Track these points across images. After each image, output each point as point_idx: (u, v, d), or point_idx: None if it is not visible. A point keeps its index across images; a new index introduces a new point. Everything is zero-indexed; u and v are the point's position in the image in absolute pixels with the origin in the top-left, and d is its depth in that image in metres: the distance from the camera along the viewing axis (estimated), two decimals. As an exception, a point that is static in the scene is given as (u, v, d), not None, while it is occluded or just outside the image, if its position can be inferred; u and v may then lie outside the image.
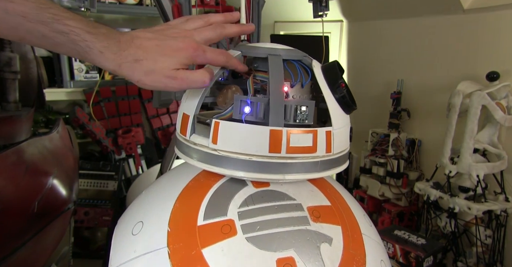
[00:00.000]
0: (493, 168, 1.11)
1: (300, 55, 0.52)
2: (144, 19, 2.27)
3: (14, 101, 0.88)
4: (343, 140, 0.51)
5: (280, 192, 0.48)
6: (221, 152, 0.46)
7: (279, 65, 0.48)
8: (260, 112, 0.46)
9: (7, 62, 0.86)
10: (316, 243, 0.44)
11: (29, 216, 0.78)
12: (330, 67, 0.50)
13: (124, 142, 2.01)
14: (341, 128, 0.50)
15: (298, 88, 0.51)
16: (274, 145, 0.45)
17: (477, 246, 1.13)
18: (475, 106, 1.08)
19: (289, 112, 0.46)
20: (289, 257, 0.42)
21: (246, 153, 0.46)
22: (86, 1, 0.98)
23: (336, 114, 0.49)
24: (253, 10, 0.91)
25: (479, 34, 1.20)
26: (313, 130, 0.47)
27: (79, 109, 1.85)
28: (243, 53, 0.51)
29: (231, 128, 0.46)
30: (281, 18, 2.04)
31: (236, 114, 0.47)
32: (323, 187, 0.52)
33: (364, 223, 0.51)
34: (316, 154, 0.47)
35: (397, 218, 1.39)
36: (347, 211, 0.50)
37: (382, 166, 1.42)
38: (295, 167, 0.46)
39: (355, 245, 0.46)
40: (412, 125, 1.44)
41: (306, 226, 0.45)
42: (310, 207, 0.47)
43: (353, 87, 0.53)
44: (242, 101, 0.46)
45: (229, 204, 0.46)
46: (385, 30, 1.54)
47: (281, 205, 0.46)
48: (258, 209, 0.45)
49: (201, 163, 0.49)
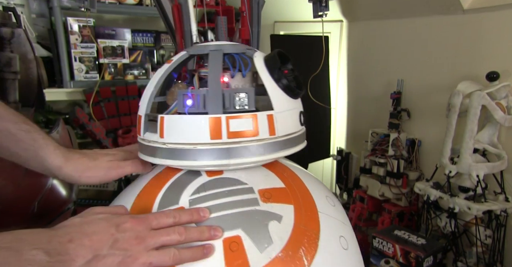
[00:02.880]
0: (493, 168, 1.11)
1: (242, 48, 0.55)
2: (144, 19, 2.27)
3: (14, 101, 0.88)
4: (290, 123, 0.53)
5: (233, 179, 0.50)
6: (168, 144, 0.49)
7: (217, 58, 0.51)
8: (201, 103, 0.49)
9: (7, 62, 0.86)
10: (264, 221, 0.46)
11: (29, 216, 0.78)
12: (270, 56, 0.53)
13: (124, 142, 2.01)
14: (285, 111, 0.51)
15: (240, 78, 0.54)
16: (215, 131, 0.47)
17: (477, 246, 1.13)
18: (475, 106, 1.08)
19: (228, 100, 0.49)
20: (236, 236, 0.44)
21: (190, 142, 0.48)
22: (86, 1, 0.98)
23: (278, 98, 0.51)
24: (253, 10, 0.91)
25: (479, 34, 1.20)
26: (252, 114, 0.49)
27: (79, 109, 1.85)
28: (189, 52, 0.55)
29: (174, 120, 0.49)
30: (281, 18, 2.04)
31: (180, 107, 0.50)
32: (279, 171, 0.54)
33: (324, 203, 0.53)
34: (259, 137, 0.49)
35: (397, 218, 1.39)
36: (304, 192, 0.52)
37: (382, 166, 1.42)
38: (239, 151, 0.48)
39: (307, 222, 0.48)
40: (412, 125, 1.44)
41: (255, 207, 0.47)
42: (262, 189, 0.49)
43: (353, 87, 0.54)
44: (184, 94, 0.49)
45: (182, 193, 0.49)
46: (385, 30, 1.54)
47: (232, 190, 0.48)
48: (208, 195, 0.48)
49: (152, 158, 0.52)
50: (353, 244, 0.53)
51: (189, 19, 0.79)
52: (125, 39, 2.05)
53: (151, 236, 0.43)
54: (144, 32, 2.12)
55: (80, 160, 0.53)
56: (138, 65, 2.12)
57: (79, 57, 1.93)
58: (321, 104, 1.57)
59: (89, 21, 1.95)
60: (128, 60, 2.07)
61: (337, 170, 1.70)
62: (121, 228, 0.42)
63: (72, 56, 1.91)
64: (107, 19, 2.19)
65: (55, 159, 0.52)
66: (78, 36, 1.92)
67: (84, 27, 1.91)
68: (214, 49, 0.52)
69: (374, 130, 1.50)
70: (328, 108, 1.67)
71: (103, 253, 0.40)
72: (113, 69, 2.04)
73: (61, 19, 1.85)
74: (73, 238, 0.40)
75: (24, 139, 0.51)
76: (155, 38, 2.14)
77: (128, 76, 2.10)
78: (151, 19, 2.26)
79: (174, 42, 1.08)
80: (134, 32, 2.08)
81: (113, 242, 0.41)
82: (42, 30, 1.96)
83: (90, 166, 0.53)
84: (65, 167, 0.52)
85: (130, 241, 0.42)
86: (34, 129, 0.53)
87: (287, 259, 0.43)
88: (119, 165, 0.55)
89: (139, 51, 2.10)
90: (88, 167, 0.53)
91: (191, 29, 0.69)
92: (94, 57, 1.97)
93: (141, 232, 0.43)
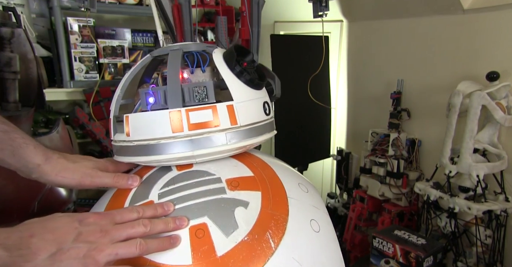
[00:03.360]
0: (493, 168, 1.11)
1: (202, 46, 0.56)
2: (144, 19, 2.27)
3: (14, 101, 0.88)
4: (252, 113, 0.53)
5: (201, 171, 0.51)
6: (135, 142, 0.51)
7: (176, 57, 0.52)
8: (162, 99, 0.50)
9: (7, 62, 0.86)
10: (230, 208, 0.46)
11: (29, 216, 0.78)
12: (228, 50, 0.55)
13: (124, 142, 2.01)
14: (246, 101, 0.52)
15: (200, 73, 0.56)
16: (176, 124, 0.49)
17: (477, 246, 1.13)
18: (475, 106, 1.08)
19: (188, 94, 0.50)
20: (202, 223, 0.45)
21: (154, 137, 0.50)
22: (86, 1, 0.98)
23: (237, 89, 0.52)
24: (253, 10, 0.91)
25: (479, 34, 1.20)
26: (212, 106, 0.50)
27: (79, 109, 1.85)
28: (152, 54, 0.57)
29: (137, 118, 0.51)
30: (281, 18, 2.04)
31: (144, 105, 0.51)
32: (249, 161, 0.55)
33: (295, 189, 0.53)
34: (221, 127, 0.50)
35: (397, 218, 1.39)
36: (273, 180, 0.53)
37: (382, 166, 1.42)
38: (202, 142, 0.49)
39: (275, 206, 0.49)
40: (412, 125, 1.44)
41: (222, 195, 0.48)
42: (229, 179, 0.50)
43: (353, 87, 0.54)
44: (146, 93, 0.51)
45: (152, 188, 0.50)
46: (385, 30, 1.54)
47: (199, 181, 0.50)
48: (177, 187, 0.49)
49: (123, 157, 0.54)
50: (326, 227, 0.53)
51: (189, 19, 0.80)
52: (125, 39, 2.05)
53: (116, 228, 0.43)
54: (144, 32, 2.12)
55: (59, 160, 0.52)
56: (138, 65, 2.12)
57: (79, 57, 1.93)
58: (321, 104, 1.57)
59: (89, 21, 1.95)
60: (128, 60, 2.07)
61: (337, 170, 1.70)
62: (85, 222, 0.43)
63: (72, 56, 1.91)
64: (107, 19, 2.20)
65: (34, 157, 0.51)
66: (78, 36, 1.92)
67: (84, 27, 1.91)
68: (174, 49, 0.54)
69: (374, 130, 1.50)
70: (328, 108, 1.67)
71: (67, 246, 0.40)
72: (113, 69, 2.04)
73: (61, 19, 1.85)
74: (34, 233, 0.40)
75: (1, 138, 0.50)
76: (155, 38, 2.14)
77: (128, 76, 2.10)
78: (151, 19, 2.25)
79: (174, 42, 1.08)
80: (134, 32, 2.08)
81: (77, 235, 0.41)
82: (42, 30, 1.96)
83: (68, 167, 0.52)
84: (43, 165, 0.51)
85: (94, 234, 0.41)
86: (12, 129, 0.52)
87: (253, 242, 0.44)
88: (97, 174, 0.53)
89: (139, 51, 2.11)
90: (65, 167, 0.52)
91: (157, 32, 0.70)
92: (94, 57, 1.97)
93: (105, 226, 0.43)
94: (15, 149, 0.50)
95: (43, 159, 0.51)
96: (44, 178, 0.52)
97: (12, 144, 0.50)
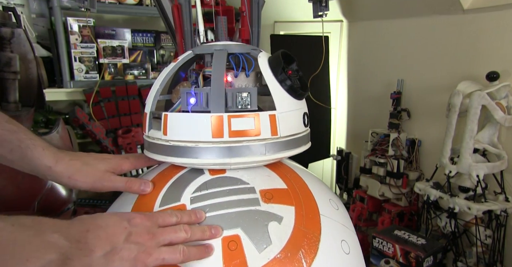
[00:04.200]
0: (493, 168, 1.11)
1: (247, 48, 0.55)
2: (144, 19, 2.27)
3: (14, 101, 0.88)
4: (293, 124, 0.52)
5: (235, 178, 0.50)
6: (171, 142, 0.50)
7: (221, 58, 0.51)
8: (204, 102, 0.49)
9: (7, 62, 0.86)
10: (264, 222, 0.45)
11: (29, 216, 0.78)
12: (274, 56, 0.53)
13: (124, 142, 2.01)
14: (288, 112, 0.51)
15: (243, 77, 0.54)
16: (217, 130, 0.48)
17: (477, 246, 1.13)
18: (475, 106, 1.08)
19: (230, 99, 0.49)
20: (235, 235, 0.44)
21: (192, 140, 0.48)
22: (86, 1, 0.98)
23: (281, 98, 0.51)
24: (253, 10, 0.91)
25: (479, 34, 1.20)
26: (254, 114, 0.48)
27: (79, 109, 1.85)
28: (195, 52, 0.55)
29: (177, 118, 0.49)
30: (281, 18, 2.04)
31: (184, 105, 0.50)
32: (282, 172, 0.54)
33: (327, 206, 0.52)
34: (261, 137, 0.49)
35: (397, 218, 1.39)
36: (306, 194, 0.52)
37: (382, 166, 1.42)
38: (241, 150, 0.48)
39: (308, 224, 0.47)
40: (412, 125, 1.44)
41: (256, 207, 0.46)
42: (263, 190, 0.49)
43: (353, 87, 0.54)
44: (187, 93, 0.50)
45: (184, 191, 0.49)
46: (385, 30, 1.54)
47: (233, 189, 0.48)
48: (210, 193, 0.48)
49: (156, 154, 0.52)
50: (355, 249, 0.52)
51: (189, 19, 0.80)
52: (125, 39, 2.05)
53: (161, 232, 0.43)
54: (144, 32, 2.12)
55: (71, 162, 0.50)
56: (138, 65, 2.12)
57: (79, 57, 1.93)
58: (321, 104, 1.57)
59: (89, 21, 1.95)
60: (128, 60, 2.07)
61: (337, 170, 1.70)
62: (132, 222, 0.43)
63: (72, 56, 1.91)
64: (107, 19, 2.19)
65: (44, 159, 0.49)
66: (78, 36, 1.92)
67: (84, 27, 1.91)
68: (219, 49, 0.52)
69: (374, 130, 1.50)
70: (328, 108, 1.67)
71: (120, 246, 0.40)
72: (113, 69, 2.04)
73: (61, 19, 1.85)
74: (89, 228, 0.40)
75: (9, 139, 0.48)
76: (155, 38, 2.14)
77: (128, 76, 2.10)
78: (151, 19, 2.26)
79: (174, 42, 1.08)
80: (134, 32, 2.08)
81: (127, 236, 0.41)
82: (42, 30, 1.96)
83: (80, 169, 0.50)
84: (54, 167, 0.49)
85: (143, 236, 0.42)
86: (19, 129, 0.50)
87: (286, 261, 0.43)
88: (110, 178, 0.51)
89: (139, 51, 2.11)
90: (79, 169, 0.50)
91: (199, 29, 0.69)
92: (94, 57, 1.97)
93: (151, 228, 0.43)
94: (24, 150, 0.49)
95: (53, 161, 0.50)
96: (58, 180, 0.51)
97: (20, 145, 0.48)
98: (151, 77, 2.15)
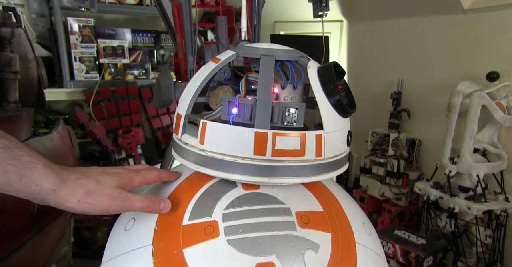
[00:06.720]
0: (493, 168, 1.11)
1: (297, 55, 0.50)
2: (144, 19, 2.27)
3: (14, 101, 0.88)
4: (337, 145, 0.49)
5: (269, 195, 0.47)
6: (208, 152, 0.46)
7: (269, 65, 0.46)
8: (247, 113, 0.45)
9: (7, 62, 0.86)
10: (300, 249, 0.42)
11: (29, 216, 0.78)
12: (325, 68, 0.48)
13: (124, 142, 2.01)
14: (334, 131, 0.48)
15: (290, 89, 0.50)
16: (259, 147, 0.44)
17: (477, 246, 1.13)
18: (475, 106, 1.08)
19: (277, 114, 0.45)
20: (270, 262, 0.41)
21: (231, 154, 0.45)
22: (86, 1, 0.98)
23: (329, 117, 0.47)
24: (253, 10, 0.91)
25: (479, 34, 1.20)
26: (301, 133, 0.45)
27: (79, 109, 1.85)
28: (238, 53, 0.50)
29: (217, 128, 0.45)
30: (281, 18, 2.04)
31: (224, 115, 0.46)
32: (318, 192, 0.50)
33: (361, 232, 0.49)
34: (305, 158, 0.45)
35: (397, 218, 1.39)
36: (342, 218, 0.48)
37: (382, 166, 1.42)
38: (282, 171, 0.45)
39: (345, 254, 0.44)
40: (412, 125, 1.44)
41: (292, 232, 0.43)
42: (299, 212, 0.46)
43: (353, 87, 0.52)
44: (230, 102, 0.45)
45: (216, 205, 0.45)
46: (385, 30, 1.54)
47: (268, 209, 0.45)
48: (243, 211, 0.44)
49: (188, 162, 0.49)
50: None
51: (189, 19, 0.79)
52: (125, 39, 2.05)
53: None
54: (144, 32, 2.12)
55: (78, 182, 0.43)
56: (138, 65, 2.12)
57: (79, 57, 1.94)
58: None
59: (89, 21, 1.95)
60: (128, 60, 2.08)
61: (337, 170, 1.70)
62: None
63: (72, 56, 1.91)
64: (107, 19, 2.20)
65: (47, 181, 0.41)
66: (78, 36, 1.92)
67: (84, 27, 1.91)
68: (265, 54, 0.48)
69: (374, 130, 1.50)
70: (328, 108, 1.66)
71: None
72: (113, 69, 2.05)
73: (61, 19, 1.85)
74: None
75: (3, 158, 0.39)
76: (155, 38, 2.14)
77: (128, 76, 2.10)
78: (151, 19, 2.26)
79: (174, 42, 1.08)
80: (134, 32, 2.09)
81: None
82: (42, 30, 1.96)
83: (90, 190, 0.43)
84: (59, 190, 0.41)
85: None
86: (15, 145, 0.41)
87: None
88: (126, 197, 0.44)
89: (139, 51, 2.11)
90: (87, 191, 0.43)
91: (241, 24, 0.65)
92: (94, 57, 1.97)
93: None
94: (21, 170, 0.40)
95: (58, 181, 0.42)
96: (64, 206, 0.43)
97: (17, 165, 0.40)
98: (151, 77, 2.15)
